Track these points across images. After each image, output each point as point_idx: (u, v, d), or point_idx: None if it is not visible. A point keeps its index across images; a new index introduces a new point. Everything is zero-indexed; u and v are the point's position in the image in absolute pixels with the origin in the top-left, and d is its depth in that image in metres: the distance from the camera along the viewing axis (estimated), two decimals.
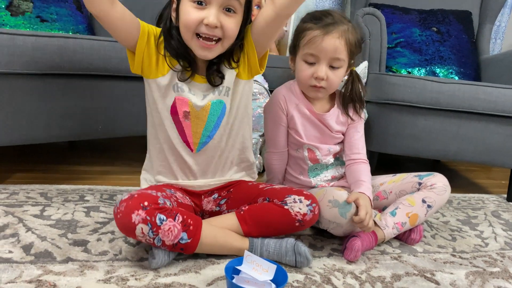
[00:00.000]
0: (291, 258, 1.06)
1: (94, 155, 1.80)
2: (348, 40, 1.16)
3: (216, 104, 1.08)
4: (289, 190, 1.12)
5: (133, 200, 0.93)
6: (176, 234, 0.95)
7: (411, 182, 1.30)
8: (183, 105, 1.06)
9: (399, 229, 1.24)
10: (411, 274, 1.12)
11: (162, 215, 0.93)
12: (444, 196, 1.27)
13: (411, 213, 1.24)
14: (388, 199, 1.32)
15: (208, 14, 0.94)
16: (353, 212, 1.10)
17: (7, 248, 1.01)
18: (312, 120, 1.25)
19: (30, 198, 1.29)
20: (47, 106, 1.26)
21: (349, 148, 1.29)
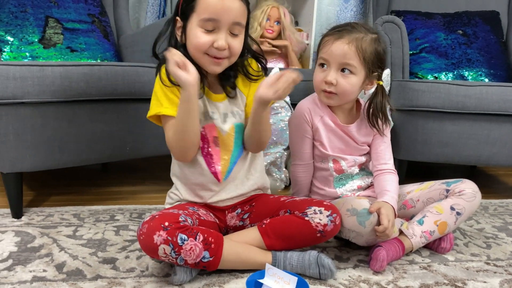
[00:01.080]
0: (314, 270, 1.06)
1: (125, 175, 1.87)
2: (360, 47, 1.15)
3: (239, 127, 1.13)
4: (309, 202, 1.12)
5: (154, 221, 0.96)
6: (198, 253, 0.97)
7: (439, 189, 1.27)
8: (212, 131, 1.10)
9: (428, 238, 1.21)
10: (441, 283, 1.09)
11: (184, 235, 0.96)
12: (473, 202, 1.23)
13: (440, 221, 1.21)
14: (415, 208, 1.29)
15: (217, 38, 1.00)
16: (373, 221, 1.09)
17: (42, 267, 1.06)
18: (336, 132, 1.25)
19: (64, 219, 1.35)
20: (77, 132, 1.33)
21: (376, 159, 1.28)
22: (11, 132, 1.24)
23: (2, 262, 1.08)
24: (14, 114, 1.22)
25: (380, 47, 1.19)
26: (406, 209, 1.30)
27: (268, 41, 2.12)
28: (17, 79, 1.20)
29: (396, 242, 1.18)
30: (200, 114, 1.07)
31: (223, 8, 0.98)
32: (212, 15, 0.98)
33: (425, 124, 1.69)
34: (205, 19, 0.99)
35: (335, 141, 1.26)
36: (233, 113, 1.13)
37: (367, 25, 1.22)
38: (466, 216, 1.23)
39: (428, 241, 1.22)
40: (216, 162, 1.12)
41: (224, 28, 1.00)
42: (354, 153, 1.28)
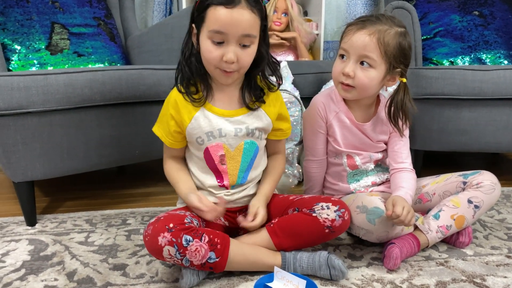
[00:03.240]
0: (325, 272, 1.03)
1: (139, 177, 1.87)
2: (382, 40, 1.09)
3: (249, 144, 1.11)
4: (317, 199, 1.09)
5: (159, 222, 0.95)
6: (204, 254, 0.96)
7: (456, 182, 1.22)
8: (218, 150, 1.09)
9: (444, 232, 1.17)
10: (459, 280, 1.05)
11: (188, 236, 0.95)
12: (493, 195, 1.18)
13: (457, 215, 1.16)
14: (431, 201, 1.25)
15: (226, 51, 0.98)
16: (383, 219, 1.06)
17: (53, 276, 1.07)
18: (351, 129, 1.22)
19: (76, 225, 1.36)
20: (85, 138, 1.33)
21: (392, 157, 1.24)
22: (20, 142, 1.25)
23: (15, 272, 1.09)
24: (21, 124, 1.23)
25: (405, 42, 1.12)
26: (422, 203, 1.26)
27: (276, 34, 2.08)
28: (22, 89, 1.20)
29: (410, 238, 1.14)
30: (206, 133, 1.07)
31: (232, 22, 0.96)
32: (220, 28, 0.96)
33: (441, 112, 1.64)
34: (214, 31, 0.97)
35: (349, 138, 1.23)
36: (248, 130, 1.09)
37: (395, 19, 1.15)
38: (485, 209, 1.18)
39: (445, 236, 1.18)
40: (224, 177, 1.11)
41: (232, 40, 0.98)
42: (369, 150, 1.24)
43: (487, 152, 1.69)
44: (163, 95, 1.42)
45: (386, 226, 1.07)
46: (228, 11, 0.95)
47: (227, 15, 0.95)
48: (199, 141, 1.07)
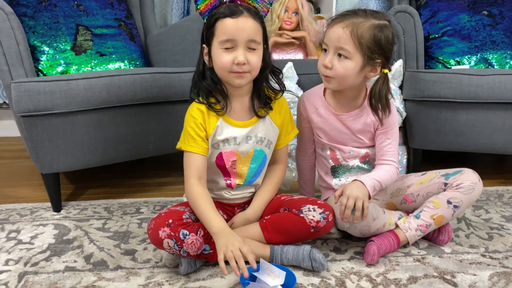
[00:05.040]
0: (308, 264, 1.16)
1: (156, 168, 2.03)
2: (355, 32, 1.14)
3: (258, 152, 1.25)
4: (305, 200, 1.22)
5: (160, 218, 1.10)
6: (199, 246, 1.11)
7: (438, 183, 1.29)
8: (230, 156, 1.22)
9: (424, 230, 1.26)
10: (430, 276, 1.16)
11: (185, 230, 1.09)
12: (472, 194, 1.24)
13: (436, 215, 1.25)
14: (416, 202, 1.33)
15: (237, 55, 1.11)
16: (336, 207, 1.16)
17: (73, 258, 1.24)
18: (330, 121, 1.30)
19: (96, 212, 1.53)
20: (102, 135, 1.49)
21: (378, 153, 1.31)
22: (46, 139, 1.41)
23: (41, 253, 1.27)
24: (47, 123, 1.40)
25: (381, 34, 1.16)
26: (407, 204, 1.35)
27: (287, 33, 2.17)
28: (47, 93, 1.36)
29: (391, 236, 1.25)
30: (222, 140, 1.19)
31: (238, 29, 1.10)
32: (229, 36, 1.10)
33: (438, 113, 1.71)
34: (224, 40, 1.11)
35: (329, 131, 1.31)
36: (257, 138, 1.23)
37: (379, 13, 1.20)
38: (464, 207, 1.25)
39: (425, 234, 1.28)
40: (233, 178, 1.25)
41: (241, 45, 1.11)
42: (349, 144, 1.32)
43: (483, 152, 1.74)
44: (174, 96, 1.57)
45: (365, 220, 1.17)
46: (234, 21, 1.10)
47: (234, 24, 1.10)
48: (215, 146, 1.21)
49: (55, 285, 1.11)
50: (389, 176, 1.27)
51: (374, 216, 1.20)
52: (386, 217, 1.26)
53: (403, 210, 1.36)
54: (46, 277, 1.15)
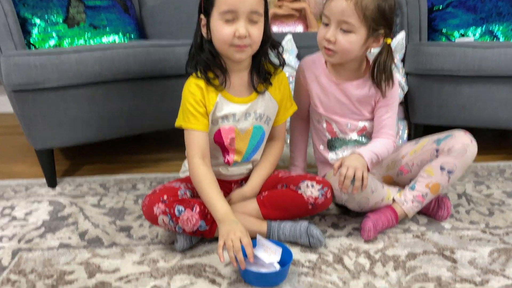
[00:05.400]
0: (305, 240, 1.14)
1: (153, 143, 2.01)
2: (359, 4, 1.10)
3: (257, 128, 1.21)
4: (303, 177, 1.19)
5: (154, 195, 1.08)
6: (195, 223, 1.08)
7: (430, 150, 1.24)
8: (229, 133, 1.18)
9: (421, 201, 1.23)
10: (429, 252, 1.14)
11: (181, 206, 1.07)
12: (465, 157, 1.18)
13: (431, 183, 1.21)
14: (412, 172, 1.29)
15: (238, 27, 1.06)
16: (336, 178, 1.13)
17: (68, 235, 1.22)
18: (330, 90, 1.25)
19: (91, 189, 1.51)
20: (96, 111, 1.45)
21: (377, 126, 1.28)
22: (38, 115, 1.38)
23: (36, 229, 1.25)
24: (39, 98, 1.36)
25: (385, 4, 1.12)
26: (404, 175, 1.31)
27: (287, 4, 2.11)
28: (38, 67, 1.32)
29: (388, 211, 1.23)
30: (221, 117, 1.16)
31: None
32: (230, 7, 1.04)
33: (441, 87, 1.67)
34: (224, 11, 1.05)
35: (327, 101, 1.27)
36: (256, 114, 1.19)
37: None
38: (459, 171, 1.21)
39: (423, 204, 1.24)
40: (230, 155, 1.22)
41: (242, 17, 1.05)
42: (348, 116, 1.28)
43: (486, 127, 1.71)
44: (169, 70, 1.53)
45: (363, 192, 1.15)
46: None
47: None
48: (214, 123, 1.17)
49: (49, 262, 1.10)
50: (386, 149, 1.24)
51: (372, 188, 1.18)
52: (384, 191, 1.23)
53: (401, 183, 1.33)
54: (40, 254, 1.13)
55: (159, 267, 1.08)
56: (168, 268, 1.07)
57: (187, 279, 1.03)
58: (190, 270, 1.06)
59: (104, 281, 1.02)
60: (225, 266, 1.08)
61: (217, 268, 1.07)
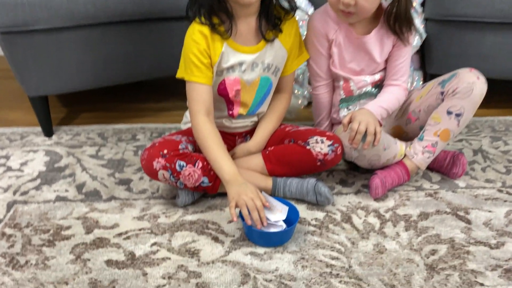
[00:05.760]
0: (312, 197, 1.09)
1: (153, 91, 1.91)
2: None
3: (265, 80, 1.11)
4: (312, 132, 1.12)
5: (153, 148, 1.01)
6: (197, 179, 1.02)
7: (435, 93, 1.16)
8: (235, 85, 1.09)
9: (432, 151, 1.15)
10: (442, 212, 1.09)
11: (182, 162, 1.01)
12: (472, 96, 1.09)
13: (440, 130, 1.13)
14: (420, 119, 1.21)
15: None
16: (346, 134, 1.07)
17: (65, 187, 1.17)
18: (352, 46, 1.16)
19: (89, 138, 1.45)
20: (92, 55, 1.36)
21: (389, 72, 1.20)
22: (30, 59, 1.29)
23: (31, 181, 1.20)
24: (29, 41, 1.26)
25: None
26: (412, 123, 1.23)
27: None
28: (25, 5, 1.21)
29: (398, 166, 1.16)
30: (227, 68, 1.06)
31: None
32: None
33: (462, 35, 1.54)
34: None
35: (348, 58, 1.18)
36: (264, 65, 1.09)
37: None
38: (469, 113, 1.12)
39: (435, 154, 1.16)
40: (235, 107, 1.14)
41: None
42: (366, 70, 1.20)
43: (507, 79, 1.61)
44: (168, 12, 1.41)
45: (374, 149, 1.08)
46: None
47: None
48: (218, 74, 1.08)
49: (45, 216, 1.06)
50: (397, 101, 1.18)
51: (385, 145, 1.11)
52: (397, 147, 1.16)
53: (411, 133, 1.25)
54: (36, 207, 1.09)
55: (159, 223, 1.03)
56: (169, 224, 1.03)
57: (189, 236, 0.99)
58: (192, 226, 1.02)
59: (102, 237, 0.98)
60: (228, 223, 1.04)
61: (220, 225, 1.03)
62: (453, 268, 0.91)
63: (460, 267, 0.91)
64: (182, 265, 0.90)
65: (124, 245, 0.96)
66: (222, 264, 0.91)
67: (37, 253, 0.93)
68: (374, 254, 0.94)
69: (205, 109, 1.03)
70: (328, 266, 0.90)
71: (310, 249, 0.95)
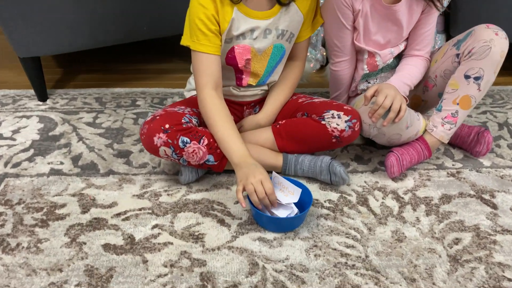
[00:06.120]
0: (326, 177, 1.01)
1: (154, 51, 1.79)
2: None
3: (278, 48, 1.01)
4: (329, 105, 1.02)
5: (154, 122, 0.92)
6: (202, 156, 0.94)
7: (451, 56, 1.05)
8: (244, 53, 0.98)
9: (453, 121, 1.05)
10: (465, 195, 1.01)
11: (185, 138, 0.92)
12: (490, 55, 0.98)
13: (459, 97, 1.03)
14: (437, 86, 1.11)
15: None
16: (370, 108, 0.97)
17: (59, 159, 1.09)
18: (377, 16, 1.05)
19: (86, 103, 1.35)
20: (87, 13, 1.24)
21: (413, 41, 1.09)
22: (18, 17, 1.18)
23: (24, 151, 1.12)
24: None
25: None
26: (430, 90, 1.13)
27: None
28: None
29: (417, 143, 1.07)
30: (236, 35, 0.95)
31: None
32: None
33: None
34: None
35: (374, 29, 1.06)
36: (278, 31, 0.98)
37: None
38: (490, 75, 1.00)
39: (457, 124, 1.06)
40: (245, 77, 1.04)
41: None
42: (393, 42, 1.09)
43: None
44: None
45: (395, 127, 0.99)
46: None
47: None
48: (227, 41, 0.97)
49: (39, 192, 0.98)
50: (420, 74, 1.09)
51: (408, 123, 1.01)
52: (420, 123, 1.06)
53: (430, 101, 1.15)
54: (29, 181, 1.01)
55: (161, 202, 0.96)
56: (171, 204, 0.95)
57: (192, 218, 0.92)
58: (196, 207, 0.94)
59: (99, 217, 0.91)
60: (235, 203, 0.96)
61: (226, 205, 0.95)
62: (478, 260, 0.83)
63: (486, 259, 0.84)
64: (185, 251, 0.83)
65: (123, 227, 0.89)
66: (228, 251, 0.84)
67: (30, 235, 0.86)
68: (392, 242, 0.87)
69: (213, 82, 0.93)
70: (343, 256, 0.84)
71: (323, 235, 0.88)
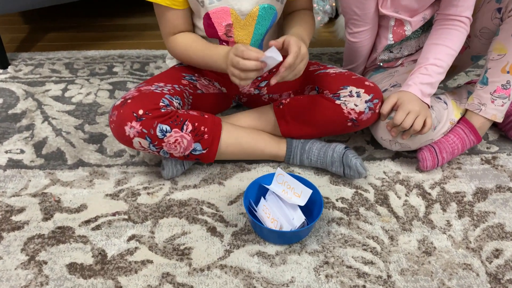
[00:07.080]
0: (338, 169, 0.84)
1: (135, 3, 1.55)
2: None
3: (265, 9, 0.79)
4: (346, 78, 0.82)
5: (124, 108, 0.73)
6: (187, 146, 0.76)
7: (490, 11, 0.86)
8: (224, 18, 0.78)
9: (506, 95, 0.86)
10: (504, 189, 0.84)
11: (165, 125, 0.73)
12: None
13: (508, 64, 0.84)
14: (471, 48, 0.93)
15: None
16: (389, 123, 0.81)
17: (20, 147, 0.91)
18: None
19: (54, 71, 1.15)
20: None
21: (447, 5, 0.85)
22: None
23: None
24: None
25: None
26: (461, 53, 0.91)
27: None
28: None
29: (459, 127, 0.89)
30: None
31: None
32: None
33: None
34: None
35: None
36: None
37: None
38: None
39: (511, 98, 0.87)
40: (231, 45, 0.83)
41: None
42: (423, 7, 0.87)
43: None
44: None
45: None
46: None
47: None
48: (199, 1, 0.76)
49: None
50: (454, 52, 0.84)
51: (434, 124, 0.84)
52: (449, 112, 0.88)
53: (459, 64, 0.96)
54: None
55: (139, 204, 0.79)
56: (152, 207, 0.79)
57: (177, 226, 0.76)
58: (182, 210, 0.78)
59: (65, 225, 0.75)
60: (229, 204, 0.80)
61: (219, 208, 0.79)
62: None
63: None
64: (167, 273, 0.68)
65: (92, 239, 0.73)
66: (220, 271, 0.69)
67: None
68: (419, 256, 0.72)
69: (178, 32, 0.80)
70: (361, 276, 0.68)
71: (335, 247, 0.73)
